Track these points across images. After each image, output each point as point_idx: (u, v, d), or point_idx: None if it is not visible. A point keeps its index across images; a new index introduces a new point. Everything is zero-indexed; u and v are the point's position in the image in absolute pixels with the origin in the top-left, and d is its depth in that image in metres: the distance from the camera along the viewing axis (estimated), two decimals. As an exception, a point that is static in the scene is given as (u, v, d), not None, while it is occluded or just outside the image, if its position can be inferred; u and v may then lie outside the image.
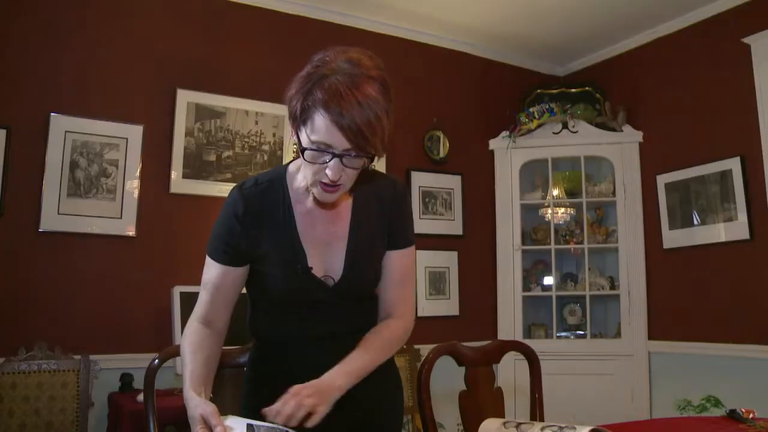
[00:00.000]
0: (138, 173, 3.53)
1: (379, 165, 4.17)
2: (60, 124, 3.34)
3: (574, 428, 1.50)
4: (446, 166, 4.60)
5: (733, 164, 3.84)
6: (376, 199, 1.55)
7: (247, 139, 3.86)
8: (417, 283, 4.35)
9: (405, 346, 3.82)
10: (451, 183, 4.61)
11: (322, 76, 1.29)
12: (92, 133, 3.43)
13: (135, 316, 3.43)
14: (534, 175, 4.76)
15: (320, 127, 1.28)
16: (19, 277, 3.21)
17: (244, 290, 1.59)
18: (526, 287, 4.63)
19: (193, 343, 1.44)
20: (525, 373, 2.17)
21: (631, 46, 4.64)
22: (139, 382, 3.14)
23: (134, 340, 3.40)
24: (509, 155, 4.65)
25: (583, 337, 4.55)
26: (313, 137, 1.29)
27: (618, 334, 4.41)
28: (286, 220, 1.48)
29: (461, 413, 1.98)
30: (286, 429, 1.27)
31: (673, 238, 4.21)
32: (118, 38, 3.57)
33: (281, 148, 3.95)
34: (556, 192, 4.64)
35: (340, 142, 1.28)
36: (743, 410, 1.88)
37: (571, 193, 4.66)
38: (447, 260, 4.53)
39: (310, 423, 1.26)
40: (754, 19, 3.76)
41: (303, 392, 1.27)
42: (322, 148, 1.30)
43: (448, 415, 3.13)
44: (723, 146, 3.92)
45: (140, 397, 2.89)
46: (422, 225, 4.40)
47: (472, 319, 4.54)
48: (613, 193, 4.52)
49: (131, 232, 3.48)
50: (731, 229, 3.86)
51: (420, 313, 4.28)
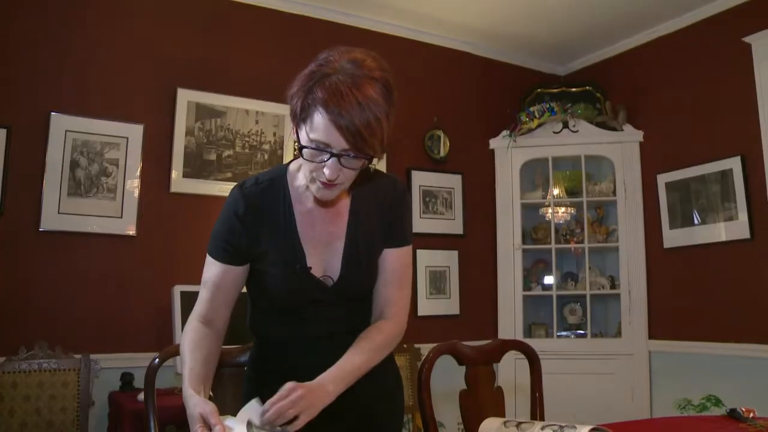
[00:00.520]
0: (138, 172, 3.53)
1: (380, 164, 4.16)
2: (60, 124, 3.34)
3: (575, 427, 1.50)
4: (447, 166, 4.60)
5: (734, 164, 3.84)
6: (375, 199, 1.55)
7: (247, 139, 3.86)
8: (417, 282, 4.35)
9: (405, 345, 3.82)
10: (452, 182, 4.61)
11: (324, 75, 1.28)
12: (93, 132, 3.43)
13: (135, 316, 3.43)
14: (534, 174, 4.76)
15: (319, 125, 1.28)
16: (20, 277, 3.21)
17: (245, 289, 1.59)
18: (527, 286, 4.63)
19: (193, 341, 1.43)
20: (525, 373, 2.17)
21: (632, 46, 4.64)
22: (139, 382, 3.14)
23: (135, 340, 3.40)
24: (510, 154, 4.65)
25: (584, 336, 4.55)
26: (312, 135, 1.29)
27: (618, 334, 4.41)
28: (286, 219, 1.48)
29: (462, 412, 1.98)
30: (285, 429, 1.27)
31: (673, 238, 4.21)
32: (119, 37, 3.57)
33: (282, 148, 3.95)
34: (556, 191, 4.64)
35: (338, 142, 1.28)
36: (743, 409, 1.88)
37: (572, 192, 4.65)
38: (447, 259, 4.53)
39: (292, 428, 1.25)
40: (754, 18, 3.75)
41: (296, 392, 1.27)
42: (321, 147, 1.30)
43: (448, 415, 3.14)
44: (723, 146, 3.92)
45: (141, 397, 2.90)
46: (422, 224, 4.40)
47: (473, 318, 4.54)
48: (614, 193, 4.52)
49: (132, 232, 3.48)
50: (732, 228, 3.86)
51: (420, 313, 4.29)
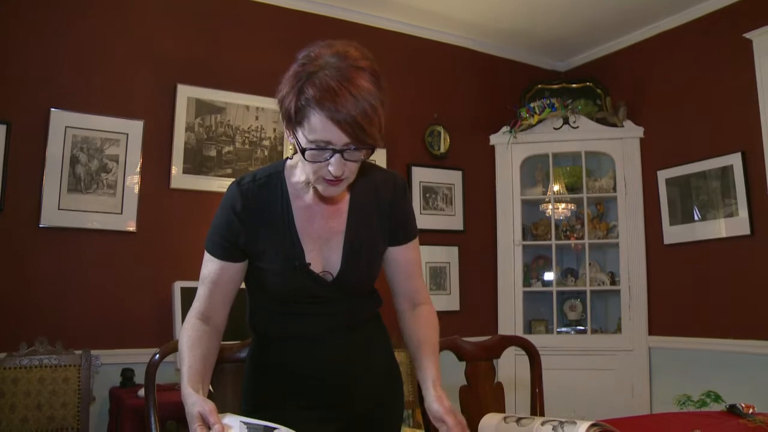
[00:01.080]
0: (138, 168, 3.53)
1: (380, 160, 4.20)
2: (60, 120, 3.34)
3: (575, 423, 1.50)
4: (447, 162, 4.60)
5: (734, 160, 3.84)
6: (374, 194, 1.54)
7: (247, 135, 3.86)
8: (417, 279, 4.35)
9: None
10: (452, 178, 4.61)
11: (311, 74, 1.27)
12: (92, 128, 3.43)
13: (136, 312, 3.44)
14: (534, 170, 4.76)
15: (317, 125, 1.26)
16: (20, 273, 3.21)
17: (244, 285, 1.59)
18: (527, 282, 4.63)
19: (191, 338, 1.43)
20: (525, 368, 2.17)
21: (633, 42, 4.63)
22: (140, 377, 3.15)
23: (135, 336, 3.40)
24: (510, 150, 4.65)
25: (584, 332, 4.55)
26: (311, 136, 1.28)
27: (618, 330, 4.41)
28: (285, 215, 1.48)
29: (462, 408, 1.98)
30: (284, 428, 1.27)
31: (673, 234, 4.21)
32: (119, 33, 3.56)
33: (282, 144, 3.95)
34: (556, 187, 4.63)
35: (339, 138, 1.27)
36: (743, 405, 1.88)
37: (572, 188, 4.65)
38: (447, 255, 4.53)
39: None
40: (755, 14, 3.75)
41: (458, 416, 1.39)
42: (322, 146, 1.29)
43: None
44: (724, 142, 3.92)
45: (141, 392, 2.90)
46: (423, 220, 4.39)
47: (473, 314, 4.54)
48: (614, 189, 4.51)
49: (132, 228, 3.48)
50: (732, 224, 3.86)
51: (420, 309, 4.28)
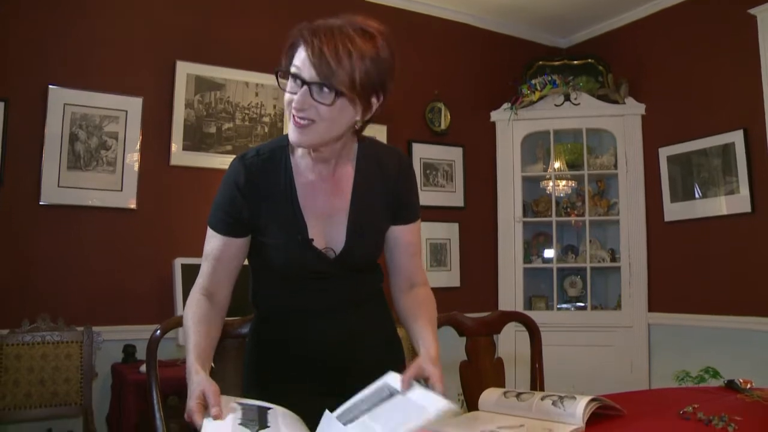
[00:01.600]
0: (138, 146, 3.52)
1: (380, 136, 4.18)
2: (59, 97, 3.32)
3: (574, 398, 1.51)
4: (447, 138, 4.59)
5: (736, 137, 3.82)
6: (378, 171, 1.53)
7: (247, 111, 3.84)
8: (418, 255, 4.36)
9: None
10: (452, 155, 4.60)
11: (319, 23, 1.32)
12: (91, 105, 3.41)
13: (137, 288, 3.45)
14: (535, 147, 4.74)
15: (297, 57, 1.31)
16: (21, 250, 3.22)
17: (247, 262, 1.59)
18: (527, 259, 4.64)
19: (196, 315, 1.42)
20: (525, 344, 2.18)
21: (635, 18, 4.58)
22: (141, 353, 3.16)
23: (136, 312, 3.42)
24: (511, 127, 4.63)
25: (584, 308, 4.57)
26: (292, 69, 1.32)
27: (618, 306, 4.43)
28: (288, 191, 1.47)
29: (462, 383, 2.00)
30: (279, 408, 1.27)
31: (674, 211, 4.21)
32: (117, 10, 3.53)
33: (282, 120, 3.93)
34: (557, 164, 4.62)
35: (308, 71, 1.29)
36: (741, 380, 1.89)
37: (573, 165, 4.64)
38: (448, 232, 4.54)
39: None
40: (760, -11, 3.71)
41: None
42: (292, 74, 1.31)
43: (448, 385, 3.14)
44: (726, 119, 3.90)
45: (143, 368, 2.92)
46: (423, 197, 4.26)
47: (473, 290, 4.56)
48: (615, 166, 4.50)
49: (132, 205, 3.48)
50: (733, 202, 3.85)
51: (421, 285, 4.29)
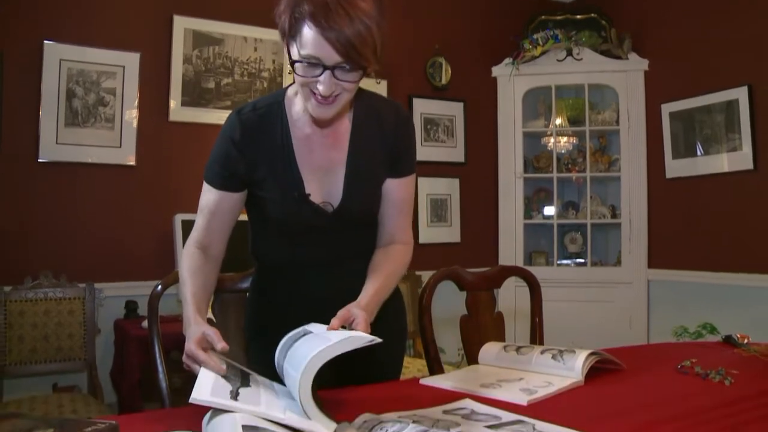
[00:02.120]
0: (136, 102, 3.48)
1: (381, 91, 4.14)
2: (54, 52, 3.28)
3: (574, 352, 1.53)
4: (448, 93, 4.54)
5: (740, 93, 3.77)
6: (376, 124, 1.51)
7: (246, 66, 3.80)
8: (418, 210, 4.37)
9: (407, 272, 3.85)
10: (453, 110, 4.56)
11: None
12: (88, 61, 3.37)
13: (137, 245, 3.46)
14: (537, 102, 4.70)
15: (308, 40, 1.25)
16: (21, 208, 3.22)
17: (246, 217, 1.58)
18: (528, 215, 4.64)
19: (191, 267, 1.44)
20: (525, 299, 2.19)
21: (640, -30, 4.50)
22: (143, 309, 3.19)
23: (137, 268, 3.43)
24: (512, 82, 4.58)
25: (584, 264, 4.59)
26: (303, 51, 1.27)
27: (618, 262, 4.45)
28: (284, 145, 1.46)
29: (462, 337, 2.01)
30: (259, 377, 1.28)
31: (676, 168, 4.19)
32: (111, -39, 3.46)
33: (281, 75, 3.88)
34: (559, 120, 4.59)
35: (330, 56, 1.25)
36: (738, 336, 1.91)
37: (575, 121, 4.61)
38: (448, 187, 4.53)
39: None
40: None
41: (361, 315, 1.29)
42: (313, 62, 1.27)
43: (449, 339, 3.18)
44: (730, 75, 3.84)
45: (145, 323, 2.94)
46: (424, 152, 4.37)
47: (474, 246, 4.57)
48: (617, 122, 4.47)
49: (131, 162, 3.46)
50: (735, 159, 3.83)
51: (421, 240, 4.31)
